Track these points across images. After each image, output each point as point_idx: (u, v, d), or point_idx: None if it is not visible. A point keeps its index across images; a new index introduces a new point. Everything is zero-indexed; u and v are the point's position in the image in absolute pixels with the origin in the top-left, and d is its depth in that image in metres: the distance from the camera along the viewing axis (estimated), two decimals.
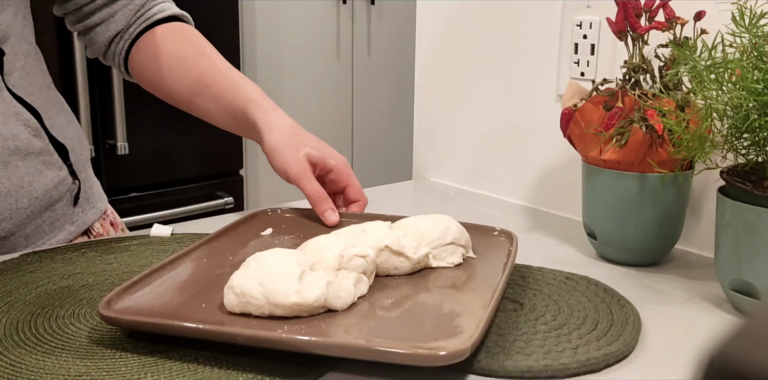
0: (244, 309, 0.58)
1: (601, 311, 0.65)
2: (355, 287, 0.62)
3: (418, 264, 0.68)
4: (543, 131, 1.00)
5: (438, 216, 0.72)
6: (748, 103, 0.63)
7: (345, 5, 2.63)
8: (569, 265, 0.77)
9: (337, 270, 0.62)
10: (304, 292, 0.57)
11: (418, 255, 0.68)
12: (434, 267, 0.69)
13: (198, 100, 0.83)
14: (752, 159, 0.67)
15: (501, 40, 1.03)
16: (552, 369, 0.55)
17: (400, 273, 0.68)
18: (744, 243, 0.64)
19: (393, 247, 0.66)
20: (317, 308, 0.58)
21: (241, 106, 0.80)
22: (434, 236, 0.70)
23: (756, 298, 0.65)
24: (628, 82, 0.77)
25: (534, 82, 1.00)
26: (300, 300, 0.57)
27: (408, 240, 0.68)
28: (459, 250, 0.71)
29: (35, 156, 0.77)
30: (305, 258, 0.61)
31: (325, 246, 0.64)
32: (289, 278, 0.57)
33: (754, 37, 0.63)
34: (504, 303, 0.66)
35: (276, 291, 0.57)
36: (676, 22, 0.74)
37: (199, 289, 0.63)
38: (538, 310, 0.65)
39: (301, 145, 0.78)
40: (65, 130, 0.84)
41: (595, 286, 0.70)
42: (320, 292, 0.57)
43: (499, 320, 0.63)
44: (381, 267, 0.67)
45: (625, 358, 0.58)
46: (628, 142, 0.74)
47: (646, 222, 0.76)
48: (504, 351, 0.57)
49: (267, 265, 0.59)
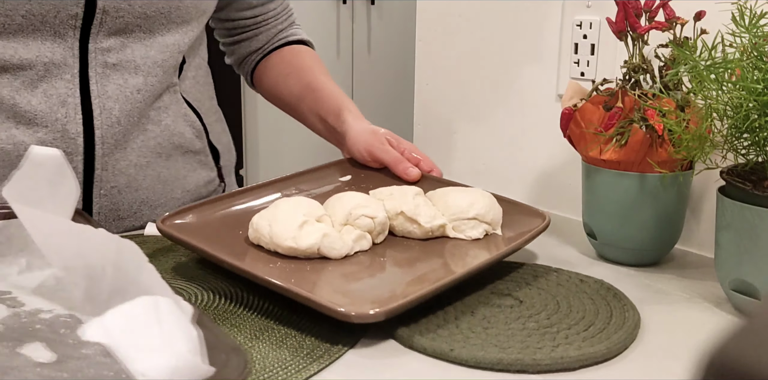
0: (258, 242, 0.69)
1: (601, 314, 0.64)
2: (354, 242, 0.70)
3: (431, 233, 0.74)
4: (543, 131, 1.00)
5: (473, 191, 0.78)
6: (748, 103, 0.63)
7: (345, 5, 2.63)
8: (569, 265, 0.77)
9: (343, 224, 0.71)
10: (300, 239, 0.67)
11: (431, 224, 0.74)
12: (452, 238, 0.75)
13: (301, 104, 0.98)
14: (752, 159, 0.67)
15: (501, 40, 1.03)
16: (522, 364, 0.56)
17: (416, 237, 0.75)
18: (744, 243, 0.64)
19: (407, 214, 0.74)
20: (312, 253, 0.67)
21: (336, 110, 0.93)
22: (457, 209, 0.75)
23: (756, 298, 0.65)
24: (628, 82, 0.77)
25: (534, 82, 1.00)
26: (294, 245, 0.67)
27: (426, 209, 0.74)
28: (482, 226, 0.75)
29: (193, 154, 0.90)
30: (314, 210, 0.71)
31: (341, 203, 0.72)
32: (291, 225, 0.67)
33: (754, 37, 0.63)
34: (503, 300, 0.67)
35: (278, 233, 0.67)
36: (676, 22, 0.74)
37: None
38: (534, 308, 0.66)
39: (379, 133, 0.89)
40: (220, 136, 0.96)
41: (606, 290, 0.69)
42: (313, 241, 0.67)
43: (491, 315, 0.64)
44: (397, 229, 0.75)
45: (607, 361, 0.58)
46: (628, 142, 0.74)
47: (646, 222, 0.76)
48: (482, 343, 0.58)
49: (280, 210, 0.69)
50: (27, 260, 0.61)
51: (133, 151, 0.82)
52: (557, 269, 0.75)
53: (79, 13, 0.74)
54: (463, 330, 0.61)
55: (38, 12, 0.73)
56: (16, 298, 0.56)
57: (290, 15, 1.04)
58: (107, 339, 0.43)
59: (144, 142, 0.83)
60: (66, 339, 0.49)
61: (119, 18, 0.76)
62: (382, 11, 2.76)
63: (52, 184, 0.58)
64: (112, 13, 0.76)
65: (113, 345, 0.42)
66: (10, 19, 0.72)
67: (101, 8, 0.75)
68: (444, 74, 1.14)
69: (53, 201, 0.58)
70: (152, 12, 0.78)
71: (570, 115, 0.80)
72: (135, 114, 0.81)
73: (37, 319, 0.53)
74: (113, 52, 0.78)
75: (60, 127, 0.77)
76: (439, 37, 1.14)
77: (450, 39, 1.12)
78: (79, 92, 0.77)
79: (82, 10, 0.74)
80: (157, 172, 0.85)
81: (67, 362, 0.46)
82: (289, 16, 1.03)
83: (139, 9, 0.77)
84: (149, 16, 0.78)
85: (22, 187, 0.56)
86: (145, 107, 0.82)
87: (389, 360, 0.58)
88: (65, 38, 0.75)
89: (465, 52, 1.10)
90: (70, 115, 0.77)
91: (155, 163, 0.85)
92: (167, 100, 0.85)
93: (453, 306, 0.66)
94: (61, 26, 0.74)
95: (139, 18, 0.77)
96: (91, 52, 0.77)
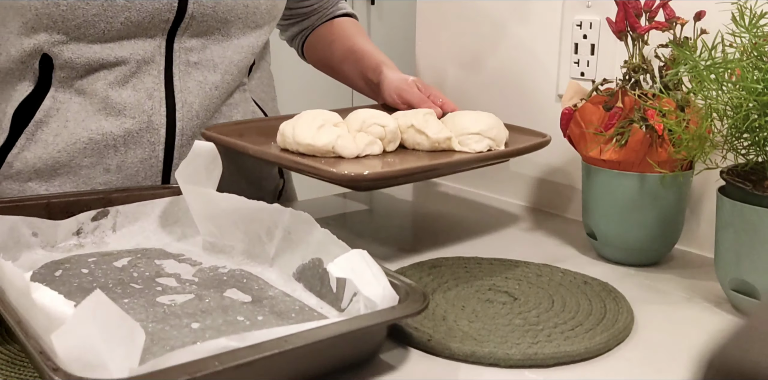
0: (284, 145, 0.81)
1: (594, 316, 0.64)
2: (366, 146, 0.80)
3: (437, 144, 0.83)
4: (543, 131, 0.99)
5: (479, 113, 0.87)
6: (748, 103, 0.63)
7: None
8: (569, 265, 0.77)
9: (358, 131, 0.82)
10: (317, 137, 0.78)
11: (438, 136, 0.83)
12: (457, 151, 0.83)
13: (344, 65, 1.07)
14: (752, 159, 0.67)
15: (501, 40, 1.03)
16: (494, 357, 0.57)
17: (423, 149, 0.84)
18: (744, 243, 0.64)
19: (416, 126, 0.83)
20: (327, 152, 0.78)
21: (374, 66, 1.02)
22: (462, 125, 0.84)
23: (756, 298, 0.65)
24: (628, 82, 0.77)
25: (534, 82, 1.00)
26: (312, 142, 0.78)
27: (435, 124, 0.84)
28: (485, 140, 0.84)
29: None
30: (332, 117, 0.82)
31: (357, 114, 0.84)
32: (311, 126, 0.79)
33: (754, 37, 0.63)
34: (497, 296, 0.68)
35: (299, 134, 0.79)
36: (676, 22, 0.74)
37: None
38: (527, 306, 0.66)
39: (409, 79, 0.98)
40: None
41: (607, 293, 0.69)
42: (328, 140, 0.78)
43: (481, 309, 0.65)
44: (408, 141, 0.85)
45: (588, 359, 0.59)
46: (628, 142, 0.74)
47: (646, 222, 0.76)
48: (461, 336, 0.59)
49: (303, 117, 0.81)
50: (182, 230, 0.77)
51: None
52: (564, 270, 0.75)
53: (171, 18, 0.82)
54: (448, 322, 0.62)
55: (136, 19, 0.80)
56: (191, 258, 0.72)
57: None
58: (344, 275, 0.58)
59: None
60: (251, 285, 0.65)
61: (203, 22, 0.84)
62: (382, 11, 2.76)
63: (207, 170, 0.74)
64: (197, 18, 0.83)
65: (350, 278, 0.58)
66: (110, 26, 0.79)
67: (189, 14, 0.83)
68: (444, 74, 1.14)
69: (207, 183, 0.74)
70: (231, 17, 0.86)
71: (570, 115, 0.80)
72: (211, 109, 0.89)
73: (218, 273, 0.68)
74: (195, 51, 0.86)
75: (146, 118, 0.84)
76: (439, 37, 1.13)
77: (450, 39, 1.12)
78: (164, 87, 0.85)
79: (174, 15, 0.82)
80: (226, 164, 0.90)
81: (261, 301, 0.62)
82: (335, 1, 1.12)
83: (221, 15, 0.85)
84: (228, 21, 0.86)
85: (187, 171, 0.73)
86: (219, 103, 0.90)
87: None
88: (155, 38, 0.83)
89: (465, 52, 1.10)
90: (155, 107, 0.84)
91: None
92: (237, 98, 0.93)
93: (446, 299, 0.67)
94: (153, 29, 0.82)
95: (220, 22, 0.86)
96: (175, 50, 0.84)
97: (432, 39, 1.15)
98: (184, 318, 0.58)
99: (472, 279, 0.72)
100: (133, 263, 0.70)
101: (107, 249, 0.74)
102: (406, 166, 0.78)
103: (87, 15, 0.77)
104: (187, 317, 0.58)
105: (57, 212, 0.75)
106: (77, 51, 0.79)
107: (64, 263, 0.69)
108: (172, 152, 0.87)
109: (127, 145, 0.84)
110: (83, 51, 0.79)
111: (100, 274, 0.67)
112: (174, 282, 0.65)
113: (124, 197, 0.78)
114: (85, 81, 0.81)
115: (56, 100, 0.82)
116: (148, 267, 0.69)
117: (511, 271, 0.74)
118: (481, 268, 0.75)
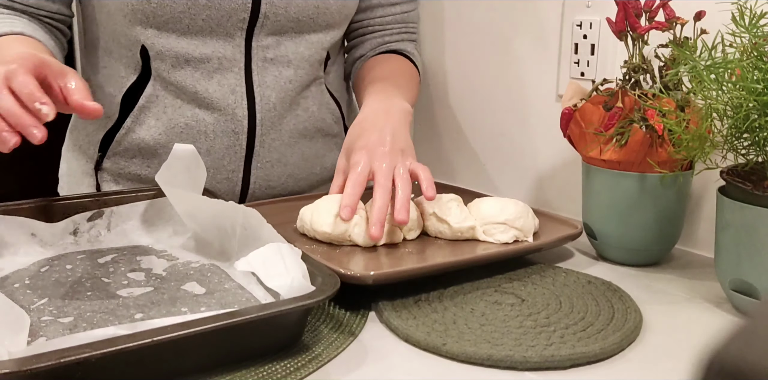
0: (302, 230, 0.80)
1: (603, 315, 0.64)
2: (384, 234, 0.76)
3: (460, 234, 0.78)
4: (543, 131, 1.00)
5: (508, 200, 0.81)
6: (748, 103, 0.63)
7: None
8: (569, 265, 0.77)
9: None
10: (334, 226, 0.76)
11: (461, 225, 0.78)
12: (481, 241, 0.78)
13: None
14: (752, 159, 0.67)
15: (501, 40, 1.03)
16: (511, 360, 0.57)
17: (446, 237, 0.79)
18: (744, 243, 0.64)
19: (438, 214, 0.79)
20: (343, 240, 0.76)
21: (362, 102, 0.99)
22: (487, 213, 0.79)
23: (756, 298, 0.65)
24: (628, 82, 0.77)
25: (534, 82, 1.00)
26: (329, 231, 0.76)
27: (457, 212, 0.79)
28: (512, 231, 0.78)
29: (331, 137, 1.04)
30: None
31: None
32: (329, 214, 0.77)
33: (754, 37, 0.63)
34: (505, 298, 0.68)
35: (316, 221, 0.77)
36: (676, 22, 0.74)
37: None
38: (536, 307, 0.66)
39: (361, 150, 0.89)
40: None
41: (612, 292, 0.70)
42: (344, 229, 0.76)
43: (490, 312, 0.65)
44: (430, 230, 0.80)
45: (601, 361, 0.58)
46: (628, 142, 0.74)
47: (646, 222, 0.76)
48: (475, 339, 0.59)
49: (322, 203, 0.79)
50: (173, 228, 0.80)
51: (285, 132, 0.97)
52: (567, 270, 0.75)
53: (246, 17, 0.89)
54: (459, 326, 0.62)
55: (215, 16, 0.88)
56: (171, 254, 0.76)
57: (406, 28, 1.09)
58: (251, 269, 0.63)
59: (294, 125, 0.98)
60: (212, 279, 0.69)
61: (276, 21, 0.91)
62: None
63: (189, 171, 0.76)
64: (271, 18, 0.91)
65: (256, 272, 0.63)
66: (194, 21, 0.88)
67: (263, 13, 0.90)
68: (444, 74, 1.14)
69: (189, 183, 0.76)
70: (303, 17, 0.93)
71: (570, 115, 0.80)
72: (287, 101, 0.96)
73: (189, 267, 0.72)
74: (271, 48, 0.93)
75: (230, 111, 0.92)
76: (439, 37, 1.13)
77: (450, 39, 1.12)
78: (244, 82, 0.92)
79: (248, 15, 0.89)
80: (302, 151, 1.00)
81: (213, 293, 0.65)
82: (402, 29, 1.08)
83: (293, 14, 0.92)
84: (300, 20, 0.93)
85: (168, 173, 0.76)
86: (295, 95, 0.97)
87: (385, 350, 0.60)
88: (234, 38, 0.90)
89: (465, 52, 1.10)
90: (237, 101, 0.92)
91: (301, 142, 0.99)
92: (314, 90, 1.00)
93: (454, 303, 0.67)
94: (232, 28, 0.90)
95: (292, 21, 0.92)
96: (253, 48, 0.92)
97: (432, 39, 1.15)
98: (132, 309, 0.62)
99: (475, 280, 0.72)
100: (116, 259, 0.74)
101: (100, 247, 0.77)
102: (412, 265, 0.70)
103: (174, 11, 0.87)
104: (135, 308, 0.62)
105: (55, 214, 0.77)
106: (167, 44, 0.88)
107: (54, 259, 0.73)
108: (253, 140, 0.94)
109: (216, 133, 0.93)
110: (172, 45, 0.88)
111: (80, 270, 0.71)
112: (142, 277, 0.69)
113: (118, 198, 0.81)
114: (177, 74, 0.90)
115: (155, 88, 0.91)
116: (127, 263, 0.73)
117: (514, 272, 0.74)
118: (483, 269, 0.75)
